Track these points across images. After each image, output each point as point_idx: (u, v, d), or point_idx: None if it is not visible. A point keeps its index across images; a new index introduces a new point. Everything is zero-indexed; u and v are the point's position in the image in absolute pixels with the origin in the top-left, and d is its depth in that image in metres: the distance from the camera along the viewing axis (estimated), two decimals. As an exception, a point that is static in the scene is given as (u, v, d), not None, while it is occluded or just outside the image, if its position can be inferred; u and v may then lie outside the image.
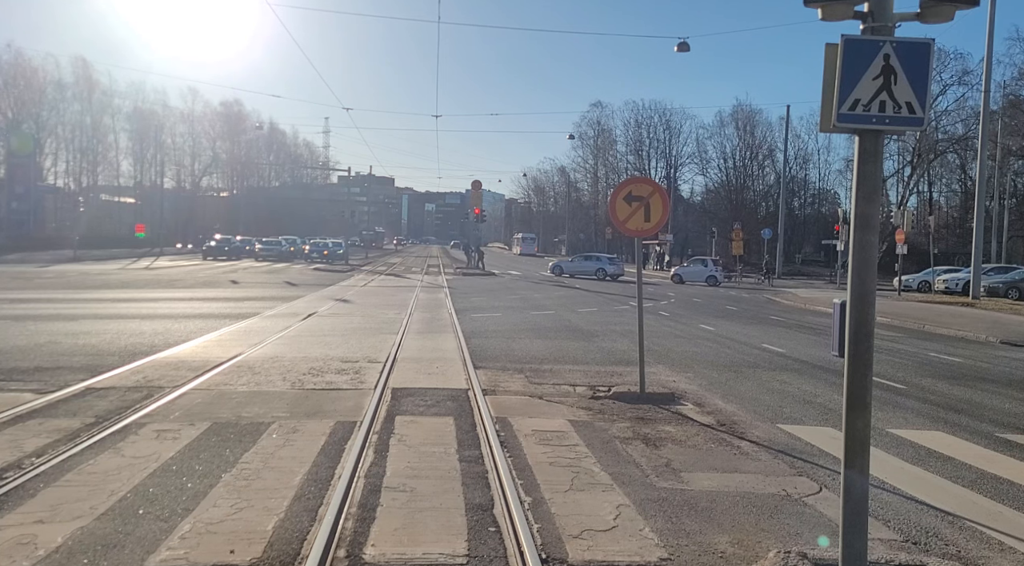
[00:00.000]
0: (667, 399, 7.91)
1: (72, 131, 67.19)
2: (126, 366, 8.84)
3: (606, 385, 8.63)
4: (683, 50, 25.39)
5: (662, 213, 7.79)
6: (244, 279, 28.56)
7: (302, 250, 50.88)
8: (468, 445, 5.77)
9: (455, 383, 8.44)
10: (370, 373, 8.88)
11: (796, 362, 11.34)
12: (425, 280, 31.38)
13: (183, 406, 6.88)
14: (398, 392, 7.78)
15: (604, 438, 6.18)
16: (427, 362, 9.90)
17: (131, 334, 11.86)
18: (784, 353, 12.36)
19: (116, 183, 73.62)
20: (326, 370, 9.02)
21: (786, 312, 22.24)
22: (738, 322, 17.75)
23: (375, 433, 6.02)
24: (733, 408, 7.66)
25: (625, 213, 7.80)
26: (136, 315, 14.68)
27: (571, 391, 8.30)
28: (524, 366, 9.89)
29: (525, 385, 8.53)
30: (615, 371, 9.76)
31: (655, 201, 7.78)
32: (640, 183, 7.86)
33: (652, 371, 9.83)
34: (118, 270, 32.36)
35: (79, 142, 67.64)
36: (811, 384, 9.37)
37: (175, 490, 4.52)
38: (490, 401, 7.42)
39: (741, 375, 9.88)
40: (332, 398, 7.43)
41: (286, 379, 8.35)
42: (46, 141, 64.08)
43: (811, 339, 14.80)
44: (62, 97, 64.98)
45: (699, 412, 7.39)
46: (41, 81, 62.46)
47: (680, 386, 8.86)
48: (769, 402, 8.07)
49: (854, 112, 3.18)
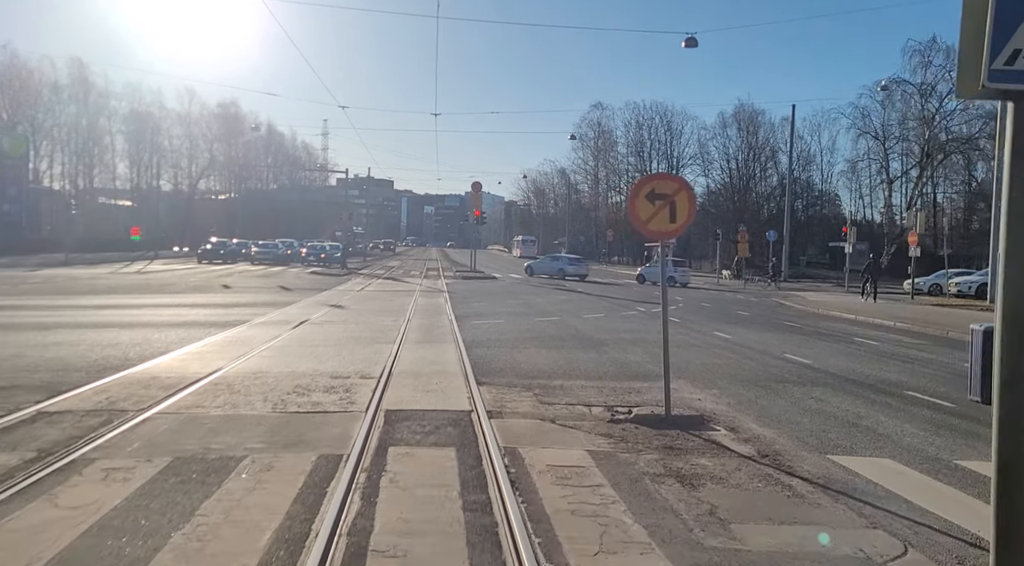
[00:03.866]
0: (696, 423, 7.02)
1: (68, 133, 66.36)
2: (91, 384, 7.94)
3: (625, 405, 7.75)
4: (691, 45, 24.56)
5: (688, 213, 6.91)
6: (237, 284, 27.67)
7: (299, 253, 50.00)
8: (473, 486, 4.88)
9: (456, 403, 7.54)
10: (362, 391, 7.99)
11: (826, 376, 10.45)
12: (424, 284, 30.50)
13: (144, 435, 5.98)
14: (392, 415, 6.89)
15: (631, 475, 5.29)
16: (425, 377, 9.01)
17: (106, 345, 10.97)
18: (811, 364, 11.47)
19: (112, 185, 72.81)
20: (313, 388, 8.12)
21: (800, 317, 21.36)
22: (753, 329, 16.86)
23: (363, 471, 5.12)
24: (772, 434, 6.77)
25: (647, 213, 6.91)
26: (117, 323, 13.78)
27: (586, 413, 7.41)
28: (532, 382, 9.00)
29: (534, 405, 7.64)
30: (632, 387, 8.87)
31: (681, 199, 6.89)
32: (664, 180, 6.98)
33: (673, 388, 8.91)
34: (108, 274, 31.45)
35: (75, 144, 66.83)
36: (850, 402, 8.48)
37: (108, 558, 3.63)
38: (496, 426, 6.53)
39: (771, 392, 8.99)
40: (317, 423, 6.53)
41: (267, 400, 7.45)
42: (41, 143, 63.25)
43: (834, 348, 13.91)
44: (58, 99, 64.19)
45: (735, 439, 6.49)
46: (37, 82, 61.61)
47: (707, 406, 7.97)
48: (810, 426, 7.18)
49: (1013, 67, 2.29)
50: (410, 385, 8.50)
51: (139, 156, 74.22)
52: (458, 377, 9.16)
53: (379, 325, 14.83)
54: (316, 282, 30.09)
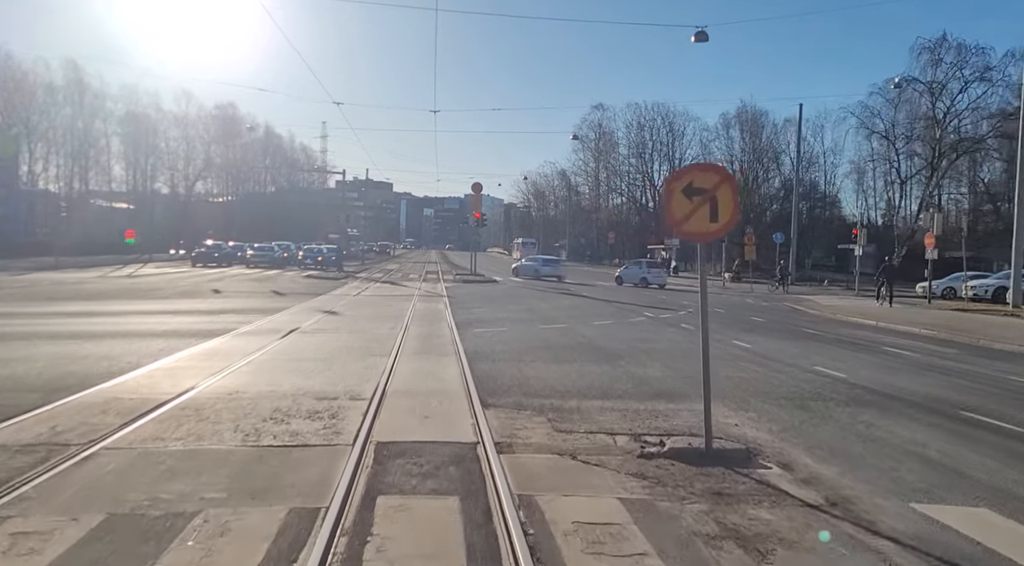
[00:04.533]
0: (741, 458, 5.98)
1: (63, 135, 65.36)
2: (38, 410, 6.89)
3: (654, 433, 6.71)
4: (701, 39, 23.56)
5: (732, 211, 5.87)
6: (228, 288, 26.62)
7: (295, 256, 48.97)
8: (483, 557, 3.85)
9: (459, 433, 6.51)
10: (350, 417, 6.95)
11: (868, 392, 9.41)
12: (423, 288, 29.45)
13: (81, 480, 4.94)
14: (384, 449, 5.86)
15: (679, 536, 4.25)
16: (423, 397, 7.97)
17: (71, 360, 9.92)
18: (846, 379, 10.43)
19: (108, 188, 71.82)
20: (294, 413, 7.08)
21: (817, 323, 20.32)
22: (772, 337, 15.83)
23: (344, 534, 4.08)
24: (832, 473, 5.73)
25: (684, 211, 5.88)
26: (90, 334, 12.74)
27: (611, 444, 6.37)
28: (543, 403, 7.96)
29: (549, 435, 6.60)
30: (656, 410, 7.84)
31: (724, 195, 5.85)
32: (704, 172, 5.93)
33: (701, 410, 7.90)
34: (96, 278, 30.41)
35: (70, 146, 65.79)
36: (906, 427, 7.44)
37: None
38: (507, 464, 5.50)
39: (813, 414, 7.95)
40: (293, 462, 5.49)
41: (239, 429, 6.40)
42: (36, 145, 62.24)
43: (865, 359, 12.88)
44: (53, 100, 63.21)
45: (792, 480, 5.46)
46: (31, 84, 60.65)
47: (747, 433, 6.93)
48: (873, 460, 6.14)
49: None
50: (406, 408, 7.47)
51: (135, 158, 73.31)
52: (460, 397, 8.13)
53: (374, 334, 13.79)
54: (311, 286, 29.06)
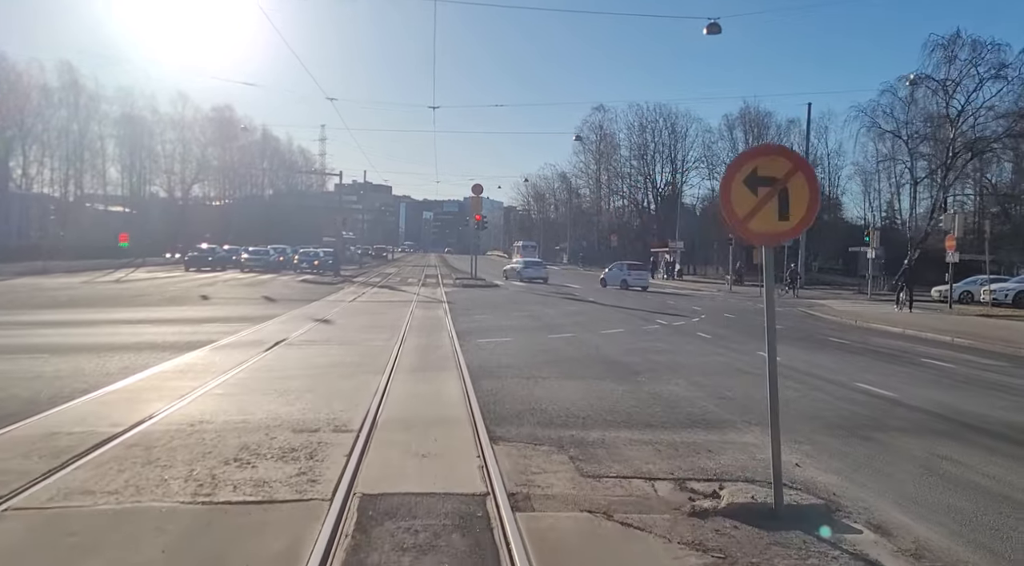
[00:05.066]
0: (819, 516, 4.77)
1: (58, 137, 64.21)
2: (-47, 448, 5.70)
3: (701, 477, 5.50)
4: (713, 32, 22.39)
5: (808, 205, 4.66)
6: (218, 294, 25.42)
7: (292, 260, 47.80)
8: None
9: (464, 479, 5.29)
10: (331, 457, 5.74)
11: (931, 417, 8.21)
12: (422, 293, 28.25)
13: (-35, 561, 3.74)
14: (370, 507, 4.65)
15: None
16: (421, 428, 6.77)
17: (21, 379, 8.72)
18: (898, 399, 9.23)
19: (104, 191, 70.65)
20: (264, 452, 5.87)
21: (841, 331, 19.13)
22: (799, 347, 14.62)
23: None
24: (939, 537, 4.51)
25: (746, 207, 4.67)
26: (53, 347, 11.54)
27: (651, 493, 5.17)
28: (562, 435, 6.75)
29: (574, 480, 5.39)
30: (695, 442, 6.63)
31: (797, 186, 4.65)
32: (772, 156, 4.71)
33: (749, 442, 6.72)
34: (81, 284, 29.21)
35: (65, 149, 64.62)
36: (1000, 466, 6.22)
37: None
38: (526, 529, 4.30)
39: (881, 447, 6.74)
40: (252, 529, 4.28)
41: (192, 476, 5.18)
42: (31, 148, 61.07)
43: (908, 373, 11.68)
44: (48, 102, 62.12)
45: (897, 553, 4.23)
46: (26, 85, 59.48)
47: (813, 476, 5.72)
48: (983, 517, 4.93)
49: None
50: (399, 443, 6.26)
51: (131, 161, 72.16)
52: (464, 426, 6.92)
53: (368, 347, 12.58)
54: (306, 291, 27.87)
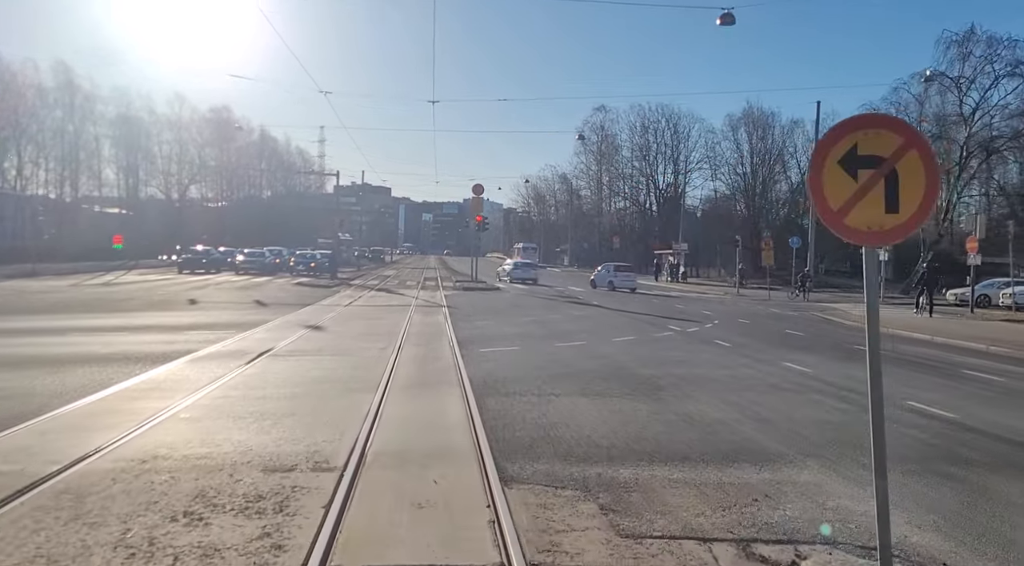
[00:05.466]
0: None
1: (53, 138, 63.13)
2: None
3: (766, 538, 4.40)
4: (727, 22, 21.33)
5: (926, 192, 3.55)
6: (208, 298, 24.29)
7: (287, 262, 46.67)
8: None
9: (470, 545, 4.17)
10: (306, 509, 4.63)
11: (1009, 446, 7.12)
12: (421, 297, 27.14)
13: None
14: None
15: None
16: (418, 465, 5.66)
17: (-39, 400, 7.62)
18: (961, 421, 8.13)
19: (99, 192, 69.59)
20: (223, 501, 4.75)
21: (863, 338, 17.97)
22: (827, 357, 13.52)
23: None
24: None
25: (843, 195, 3.56)
26: (12, 360, 10.45)
27: (710, 561, 4.06)
28: (587, 473, 5.64)
29: (610, 544, 4.27)
30: (747, 482, 5.53)
31: (910, 167, 3.53)
32: (877, 129, 3.60)
33: (810, 481, 5.62)
34: (68, 287, 28.08)
35: (60, 150, 63.53)
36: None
37: None
38: (557, 627, 3.18)
39: (968, 488, 5.64)
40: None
41: (123, 542, 4.06)
42: (26, 148, 59.97)
43: (956, 388, 10.59)
44: (43, 102, 61.08)
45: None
46: (20, 85, 58.46)
47: (904, 534, 4.61)
48: None
49: None
50: (392, 486, 5.15)
51: (127, 162, 71.09)
52: (469, 462, 5.81)
53: (362, 358, 11.47)
54: (300, 295, 26.75)
